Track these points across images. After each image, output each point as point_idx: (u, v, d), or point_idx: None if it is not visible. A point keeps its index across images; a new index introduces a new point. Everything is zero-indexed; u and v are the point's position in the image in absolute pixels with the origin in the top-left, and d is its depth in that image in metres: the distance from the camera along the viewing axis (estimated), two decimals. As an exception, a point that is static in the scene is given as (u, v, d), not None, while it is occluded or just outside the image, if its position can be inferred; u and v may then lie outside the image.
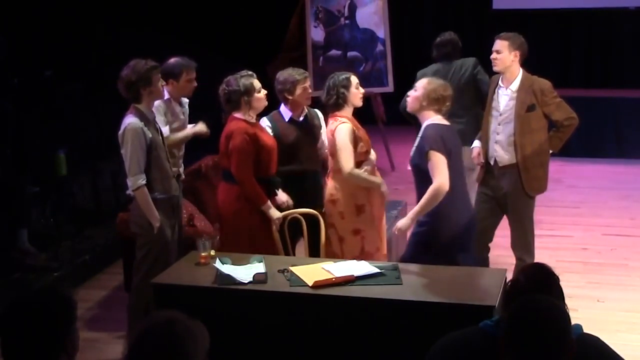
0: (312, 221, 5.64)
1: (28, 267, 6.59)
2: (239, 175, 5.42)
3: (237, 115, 5.50)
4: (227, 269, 4.71)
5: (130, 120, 5.15)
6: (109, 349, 5.66)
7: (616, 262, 7.10)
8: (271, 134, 5.75)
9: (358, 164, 5.53)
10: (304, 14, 10.09)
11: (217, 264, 4.75)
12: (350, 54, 10.11)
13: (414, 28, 12.19)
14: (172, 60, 5.75)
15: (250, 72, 5.61)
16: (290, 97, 5.81)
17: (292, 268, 4.73)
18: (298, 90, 5.79)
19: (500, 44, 5.84)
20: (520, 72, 5.87)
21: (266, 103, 5.63)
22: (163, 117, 5.68)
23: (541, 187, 6.01)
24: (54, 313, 2.67)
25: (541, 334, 2.79)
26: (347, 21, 10.13)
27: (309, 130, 5.90)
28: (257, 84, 5.59)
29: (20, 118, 7.61)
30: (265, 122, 5.84)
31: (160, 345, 2.47)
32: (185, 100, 5.97)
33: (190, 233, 5.98)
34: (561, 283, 3.41)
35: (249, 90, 5.48)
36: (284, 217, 5.56)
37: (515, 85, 5.85)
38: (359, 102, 5.72)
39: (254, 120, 5.57)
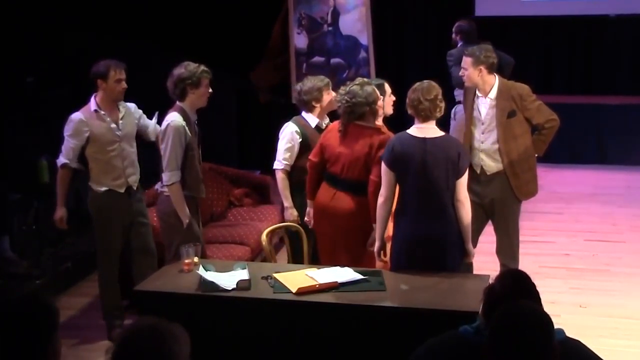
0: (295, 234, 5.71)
1: (9, 275, 6.55)
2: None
3: (363, 123, 5.38)
4: (211, 275, 4.71)
5: (174, 117, 5.34)
6: (92, 357, 5.63)
7: (598, 268, 7.13)
8: (299, 140, 5.80)
9: None
10: (287, 20, 10.10)
11: (201, 271, 4.74)
12: (334, 60, 10.12)
13: (397, 35, 12.20)
14: (98, 62, 5.69)
15: (365, 80, 5.56)
16: (317, 105, 5.88)
17: (275, 275, 4.73)
18: (325, 97, 5.87)
19: (465, 61, 5.88)
20: (496, 80, 5.89)
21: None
22: (74, 141, 5.58)
23: (531, 190, 6.05)
24: (35, 321, 2.65)
25: (525, 340, 2.80)
26: (330, 28, 10.14)
27: None
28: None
29: (2, 125, 7.58)
30: (292, 127, 5.86)
31: (144, 349, 2.46)
32: (127, 105, 5.80)
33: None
34: (544, 289, 3.43)
35: (375, 99, 5.42)
36: (272, 231, 5.60)
37: (493, 93, 5.87)
38: (390, 110, 5.82)
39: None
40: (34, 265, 6.82)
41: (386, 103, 5.71)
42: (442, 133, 5.06)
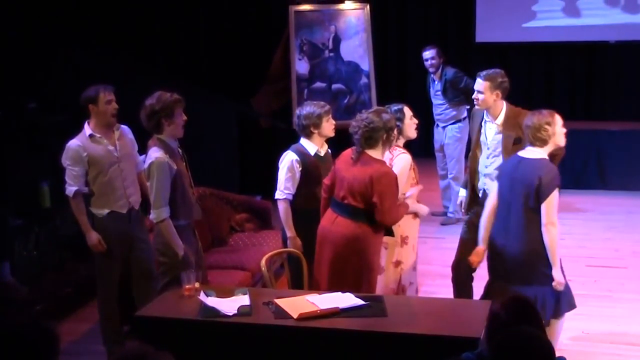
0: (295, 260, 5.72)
1: (10, 300, 6.54)
2: (394, 217, 5.35)
3: (373, 154, 5.35)
4: (212, 301, 4.70)
5: (157, 154, 5.31)
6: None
7: (600, 294, 7.11)
8: (300, 169, 5.79)
9: None
10: (288, 46, 10.14)
11: (202, 297, 4.73)
12: (335, 86, 10.16)
13: (398, 60, 12.27)
14: (89, 88, 5.71)
15: (382, 108, 5.58)
16: (315, 131, 5.85)
17: (276, 300, 4.72)
18: (324, 123, 5.84)
19: (481, 85, 5.87)
20: (504, 106, 5.92)
21: None
22: (77, 167, 5.59)
23: None
24: (36, 347, 2.65)
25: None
26: (331, 54, 10.19)
27: (329, 164, 5.89)
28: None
29: (3, 150, 7.59)
30: (292, 156, 5.82)
31: None
32: (121, 126, 5.80)
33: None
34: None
35: (393, 127, 5.41)
36: (271, 256, 5.60)
37: (500, 119, 5.90)
38: (413, 134, 5.86)
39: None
40: (35, 291, 6.80)
41: (407, 126, 5.77)
42: (541, 156, 5.25)
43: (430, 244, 8.30)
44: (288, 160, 5.84)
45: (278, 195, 5.87)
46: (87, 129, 5.65)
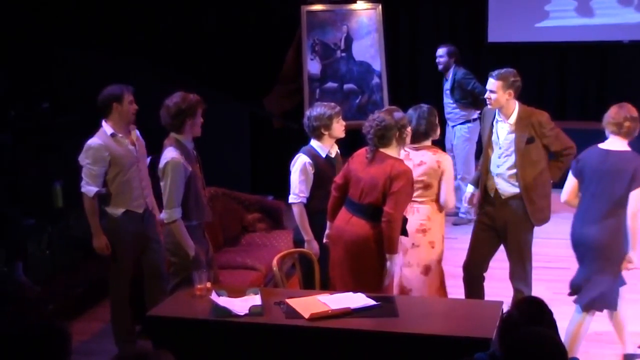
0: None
1: (23, 300, 6.57)
2: (398, 216, 5.33)
3: (388, 152, 5.41)
4: (223, 301, 4.70)
5: (173, 155, 5.31)
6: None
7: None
8: (312, 172, 5.80)
9: None
10: (300, 46, 10.15)
11: (213, 296, 4.74)
12: (347, 86, 10.16)
13: (410, 60, 12.25)
14: (105, 89, 5.72)
15: (393, 107, 5.66)
16: (326, 132, 5.85)
17: (288, 300, 4.72)
18: (334, 124, 5.84)
19: (494, 84, 5.85)
20: (516, 106, 5.91)
21: None
22: (97, 167, 5.59)
23: (545, 216, 6.07)
24: (48, 346, 2.66)
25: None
26: (343, 54, 10.20)
27: (340, 165, 5.92)
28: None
29: (17, 150, 7.62)
30: (304, 159, 5.81)
31: None
32: (135, 130, 5.86)
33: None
34: (558, 316, 3.42)
35: (405, 124, 5.50)
36: (283, 256, 5.61)
37: (513, 118, 5.89)
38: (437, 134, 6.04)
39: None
40: (47, 290, 6.83)
41: (437, 126, 5.96)
42: (626, 149, 5.54)
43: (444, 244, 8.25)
44: (300, 163, 5.82)
45: (292, 199, 5.85)
46: (108, 128, 5.65)
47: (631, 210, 5.36)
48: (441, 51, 9.35)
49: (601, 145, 5.62)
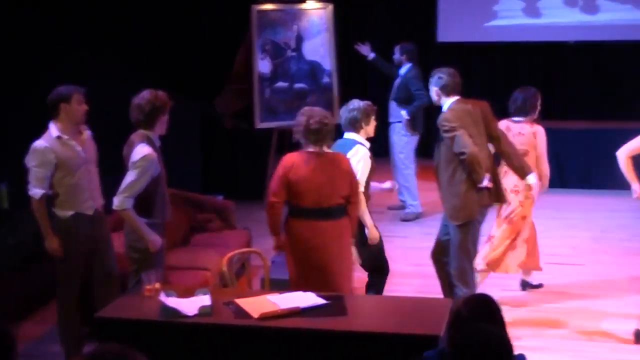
0: None
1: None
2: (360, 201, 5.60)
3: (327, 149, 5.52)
4: (172, 302, 4.66)
5: (148, 150, 5.32)
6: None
7: (557, 291, 7.20)
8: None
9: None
10: (251, 46, 10.12)
11: (162, 297, 4.70)
12: (297, 85, 10.16)
13: (361, 60, 12.30)
14: (54, 90, 5.64)
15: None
16: (364, 127, 6.00)
17: (237, 300, 4.70)
18: (372, 121, 6.05)
19: (429, 83, 6.14)
20: (448, 105, 6.00)
21: None
22: (44, 169, 5.49)
23: (459, 217, 5.97)
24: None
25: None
26: (294, 53, 10.19)
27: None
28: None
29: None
30: (364, 149, 5.91)
31: None
32: (87, 131, 5.77)
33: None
34: (504, 312, 3.45)
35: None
36: (231, 257, 5.60)
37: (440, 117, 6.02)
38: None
39: None
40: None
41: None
42: None
43: (395, 242, 8.32)
44: (363, 153, 5.90)
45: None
46: (54, 130, 5.54)
47: None
48: (396, 49, 9.45)
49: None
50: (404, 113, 9.30)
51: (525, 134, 6.72)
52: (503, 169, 6.52)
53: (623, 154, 6.02)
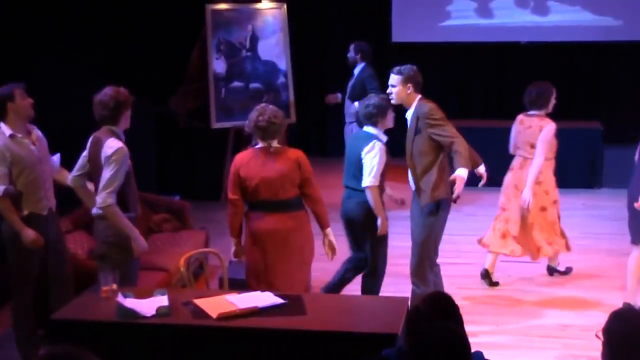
0: None
1: None
2: (319, 193, 5.76)
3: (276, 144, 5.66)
4: (130, 302, 4.63)
5: (119, 144, 5.33)
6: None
7: (513, 288, 7.28)
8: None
9: None
10: (205, 45, 10.07)
11: (120, 298, 4.66)
12: (253, 85, 10.14)
13: (317, 60, 12.32)
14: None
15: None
16: (382, 121, 6.16)
17: (196, 300, 4.68)
18: (388, 115, 6.22)
19: (394, 79, 6.05)
20: (416, 100, 6.02)
21: None
22: (2, 167, 5.43)
23: (433, 195, 6.01)
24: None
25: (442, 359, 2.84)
26: (248, 53, 10.17)
27: None
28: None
29: None
30: (380, 144, 6.09)
31: None
32: (35, 128, 5.72)
33: (92, 266, 5.87)
34: (462, 310, 3.48)
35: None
36: (188, 257, 5.58)
37: (410, 112, 6.03)
38: None
39: None
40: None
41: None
42: None
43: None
44: (379, 147, 6.06)
45: (371, 182, 6.05)
46: (6, 130, 5.48)
47: None
48: (350, 47, 9.49)
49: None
50: (342, 98, 9.41)
51: (533, 127, 7.11)
52: (516, 162, 7.32)
53: None
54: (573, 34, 11.85)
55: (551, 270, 7.55)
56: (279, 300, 4.70)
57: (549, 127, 7.07)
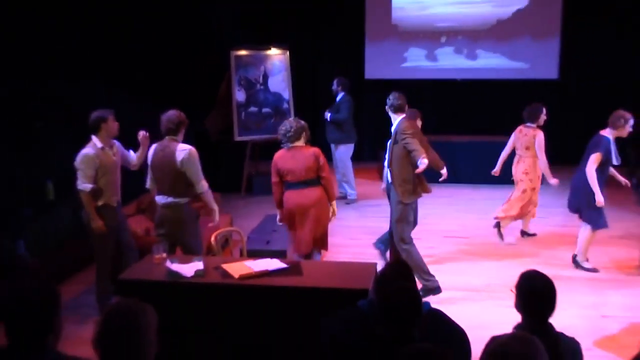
0: None
1: (24, 269, 6.31)
2: (331, 176, 5.96)
3: (300, 144, 5.91)
4: (175, 267, 4.62)
5: (190, 146, 5.48)
6: (86, 329, 5.47)
7: (454, 257, 7.30)
8: None
9: None
10: (230, 81, 10.10)
11: (168, 263, 4.65)
12: (264, 110, 10.17)
13: (311, 91, 12.30)
14: (94, 113, 5.59)
15: (295, 119, 6.06)
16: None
17: (223, 265, 4.68)
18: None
19: (386, 104, 6.12)
20: (399, 119, 6.03)
21: None
22: (90, 170, 5.45)
23: (410, 197, 6.05)
24: (44, 302, 2.57)
25: (403, 310, 2.85)
26: (261, 86, 10.20)
27: None
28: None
29: (15, 155, 7.30)
30: None
31: (122, 320, 2.42)
32: (116, 142, 5.72)
33: (148, 241, 5.86)
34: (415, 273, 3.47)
35: (305, 127, 6.02)
36: (218, 234, 5.58)
37: (393, 127, 6.04)
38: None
39: None
40: (43, 262, 6.58)
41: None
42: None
43: (336, 222, 8.31)
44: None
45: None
46: (98, 142, 5.51)
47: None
48: (334, 81, 9.49)
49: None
50: (328, 115, 9.33)
51: (527, 135, 7.37)
52: (516, 158, 7.50)
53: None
54: (495, 74, 11.88)
55: (523, 233, 7.89)
56: (283, 265, 4.70)
57: (540, 136, 7.30)
